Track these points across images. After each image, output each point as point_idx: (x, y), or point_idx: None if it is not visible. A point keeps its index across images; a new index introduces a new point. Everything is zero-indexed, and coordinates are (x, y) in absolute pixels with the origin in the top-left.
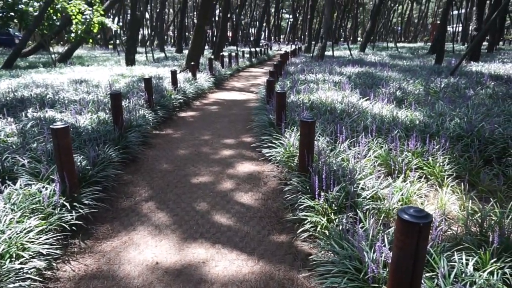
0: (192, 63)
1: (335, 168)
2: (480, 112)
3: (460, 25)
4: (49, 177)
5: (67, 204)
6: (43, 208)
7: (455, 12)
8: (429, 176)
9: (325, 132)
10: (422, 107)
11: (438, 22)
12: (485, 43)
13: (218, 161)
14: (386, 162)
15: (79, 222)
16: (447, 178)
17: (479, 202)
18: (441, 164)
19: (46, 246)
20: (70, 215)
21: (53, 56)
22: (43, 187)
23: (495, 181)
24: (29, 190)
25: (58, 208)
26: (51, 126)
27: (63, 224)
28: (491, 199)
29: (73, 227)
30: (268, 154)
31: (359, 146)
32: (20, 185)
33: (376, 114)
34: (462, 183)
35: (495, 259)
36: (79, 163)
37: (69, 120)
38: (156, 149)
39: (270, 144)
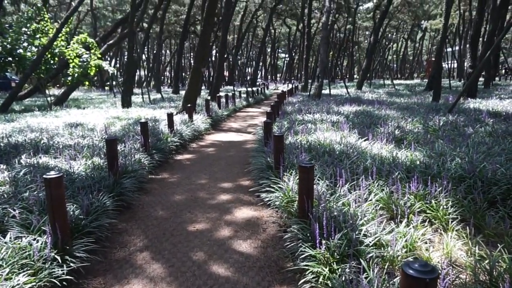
0: (189, 104)
1: (335, 213)
2: (481, 151)
3: (455, 61)
4: (40, 229)
5: (58, 258)
6: (33, 263)
7: (449, 49)
8: (433, 220)
9: (324, 175)
10: (422, 146)
11: (433, 59)
12: (481, 78)
13: (215, 207)
14: (388, 206)
15: (70, 277)
16: (451, 221)
17: (486, 247)
18: (445, 207)
19: None
20: (61, 270)
21: (49, 99)
22: (34, 239)
23: (501, 224)
24: (19, 244)
25: (49, 262)
26: (44, 176)
27: (53, 280)
28: (498, 244)
29: (64, 282)
30: (267, 199)
31: (360, 190)
32: (10, 238)
33: (375, 155)
34: (467, 227)
35: None
36: (72, 213)
37: (63, 166)
38: (151, 195)
39: (268, 189)
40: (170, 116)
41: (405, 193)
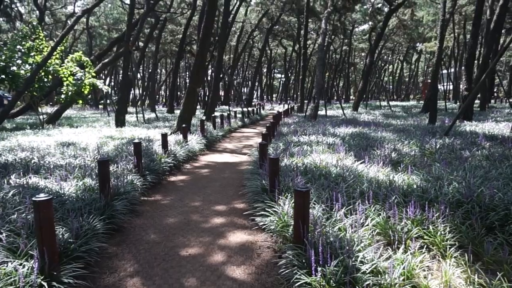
0: (184, 124)
1: (331, 239)
2: (478, 176)
3: (451, 83)
4: (28, 253)
5: (45, 284)
6: None
7: (445, 71)
8: (430, 246)
9: (320, 199)
10: (419, 169)
11: (429, 80)
12: (477, 101)
13: (209, 230)
14: (385, 231)
15: None
16: (449, 248)
17: (485, 275)
18: (442, 232)
19: None
20: None
21: (41, 117)
22: (20, 264)
23: (500, 251)
24: (4, 269)
25: None
26: (33, 199)
27: None
28: (497, 272)
29: None
30: (262, 223)
31: (356, 214)
32: None
33: (372, 178)
34: (465, 254)
35: None
36: (61, 236)
37: (53, 187)
38: (143, 217)
39: (263, 212)
40: (164, 137)
41: (402, 218)
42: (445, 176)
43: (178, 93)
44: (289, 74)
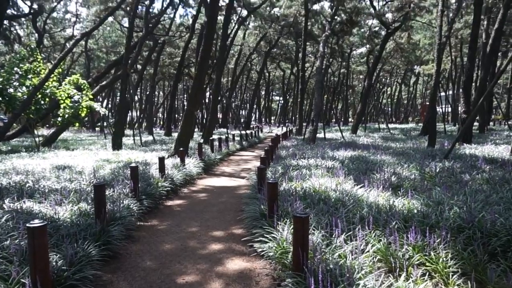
0: (182, 148)
1: (331, 266)
2: (478, 200)
3: (449, 106)
4: (20, 281)
5: None
6: None
7: (443, 93)
8: (433, 273)
9: (319, 225)
10: (419, 194)
11: (427, 103)
12: (476, 123)
13: (206, 257)
14: (386, 258)
15: None
16: (452, 275)
17: None
18: (444, 259)
19: None
20: None
21: (37, 139)
22: None
23: (503, 279)
24: None
25: None
26: (27, 225)
27: None
28: None
29: None
30: (260, 250)
31: (356, 240)
32: None
33: (372, 203)
34: (468, 281)
35: None
36: (54, 263)
37: (48, 212)
38: (139, 243)
39: (261, 238)
40: (161, 160)
41: (403, 244)
42: (446, 201)
43: (176, 115)
44: (288, 97)
